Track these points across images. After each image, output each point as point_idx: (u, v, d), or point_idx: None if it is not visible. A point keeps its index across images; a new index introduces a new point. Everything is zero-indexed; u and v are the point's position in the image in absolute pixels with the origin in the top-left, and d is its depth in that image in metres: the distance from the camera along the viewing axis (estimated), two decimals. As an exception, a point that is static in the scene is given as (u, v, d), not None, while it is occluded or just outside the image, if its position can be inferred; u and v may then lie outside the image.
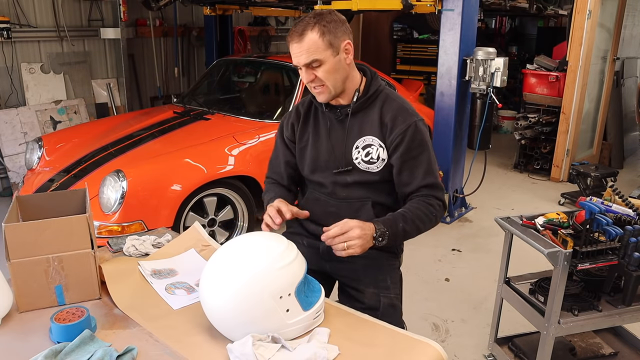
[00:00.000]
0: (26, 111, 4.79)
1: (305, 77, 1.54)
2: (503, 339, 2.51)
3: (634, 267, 1.96)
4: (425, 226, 1.57)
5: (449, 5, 3.85)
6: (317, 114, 1.71)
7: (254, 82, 4.95)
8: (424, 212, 1.56)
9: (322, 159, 1.67)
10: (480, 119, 4.12)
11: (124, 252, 1.69)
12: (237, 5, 5.91)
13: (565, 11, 7.15)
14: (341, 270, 1.72)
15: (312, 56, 1.49)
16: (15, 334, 1.28)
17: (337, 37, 1.51)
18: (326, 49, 1.49)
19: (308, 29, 1.48)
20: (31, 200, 1.58)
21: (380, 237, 1.48)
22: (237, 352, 1.16)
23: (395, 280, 1.71)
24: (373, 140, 1.61)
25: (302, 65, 1.52)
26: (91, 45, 5.48)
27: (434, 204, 1.58)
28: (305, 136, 1.72)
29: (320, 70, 1.52)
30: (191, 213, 3.27)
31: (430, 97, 6.80)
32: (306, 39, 1.48)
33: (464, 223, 4.29)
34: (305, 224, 1.76)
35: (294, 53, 1.52)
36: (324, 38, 1.49)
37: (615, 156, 5.90)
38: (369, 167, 1.62)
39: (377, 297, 1.65)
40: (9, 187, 4.64)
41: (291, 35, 1.52)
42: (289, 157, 1.78)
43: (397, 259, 1.76)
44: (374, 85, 1.64)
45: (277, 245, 1.29)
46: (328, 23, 1.50)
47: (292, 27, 1.54)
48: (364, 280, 1.67)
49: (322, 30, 1.48)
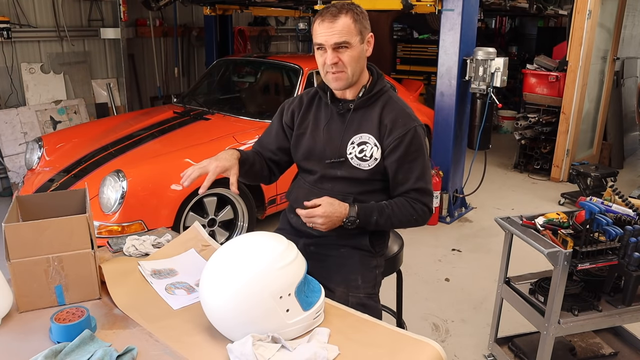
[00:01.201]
0: (26, 111, 4.79)
1: (330, 58, 1.55)
2: (503, 339, 2.51)
3: (634, 267, 1.96)
4: (401, 225, 1.66)
5: (449, 5, 3.85)
6: (320, 104, 1.74)
7: (254, 82, 4.95)
8: (404, 213, 1.63)
9: (317, 148, 1.70)
10: (480, 119, 4.12)
11: (124, 252, 1.69)
12: (237, 5, 5.91)
13: (565, 11, 7.15)
14: (315, 269, 1.71)
15: (343, 37, 1.52)
16: (15, 334, 1.28)
17: (365, 28, 1.58)
18: (356, 35, 1.54)
19: (342, 12, 1.52)
20: (31, 200, 1.58)
21: (350, 223, 1.58)
22: (237, 352, 1.16)
23: (368, 279, 1.70)
24: (369, 139, 1.63)
25: (330, 45, 1.53)
26: (91, 45, 5.48)
27: (417, 208, 1.64)
28: (304, 124, 1.74)
29: (346, 54, 1.55)
30: (191, 213, 3.27)
31: (430, 97, 6.80)
32: (340, 20, 1.52)
33: (464, 223, 4.29)
34: (290, 218, 1.82)
35: (323, 32, 1.53)
36: (356, 24, 1.54)
37: (615, 156, 5.90)
38: (360, 164, 1.64)
39: (345, 297, 1.64)
40: (9, 187, 4.64)
41: (323, 15, 1.54)
42: (282, 142, 1.81)
43: (374, 257, 1.75)
44: (379, 85, 1.67)
45: (277, 245, 1.28)
46: (360, 12, 1.57)
47: (319, 12, 1.57)
48: (334, 279, 1.67)
49: (355, 17, 1.54)
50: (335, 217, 1.55)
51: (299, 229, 1.76)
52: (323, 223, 1.54)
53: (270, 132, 1.85)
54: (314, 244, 1.74)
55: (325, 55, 1.56)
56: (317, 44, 1.57)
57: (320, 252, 1.73)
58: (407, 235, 2.38)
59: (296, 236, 1.74)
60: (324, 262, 1.71)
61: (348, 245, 1.72)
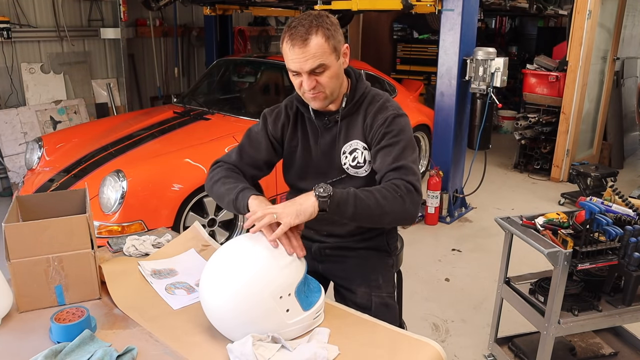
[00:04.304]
0: (26, 111, 4.79)
1: (307, 84, 1.43)
2: (503, 339, 2.51)
3: (634, 267, 1.96)
4: (387, 204, 1.36)
5: (449, 5, 3.85)
6: (303, 119, 1.63)
7: (254, 82, 4.95)
8: (387, 190, 1.39)
9: (311, 166, 1.62)
10: (480, 119, 4.13)
11: (124, 252, 1.69)
12: (237, 5, 5.91)
13: (565, 11, 7.14)
14: (333, 271, 1.72)
15: (318, 61, 1.40)
16: (15, 334, 1.28)
17: (339, 41, 1.45)
18: (331, 53, 1.42)
19: (312, 32, 1.38)
20: (31, 200, 1.58)
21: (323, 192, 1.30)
22: (237, 352, 1.16)
23: (387, 279, 1.70)
24: (357, 144, 1.56)
25: (305, 71, 1.41)
26: (91, 45, 5.48)
27: (399, 184, 1.40)
28: (294, 141, 1.64)
29: (324, 76, 1.43)
30: (191, 213, 3.27)
31: (430, 97, 6.80)
32: (312, 43, 1.38)
33: (464, 223, 4.29)
34: None
35: (295, 58, 1.40)
36: (329, 42, 1.40)
37: (615, 156, 5.90)
38: (357, 172, 1.57)
39: (368, 297, 1.64)
40: (9, 187, 4.64)
41: (292, 38, 1.39)
42: (271, 157, 1.65)
43: (390, 257, 1.75)
44: (360, 89, 1.58)
45: (277, 245, 1.28)
46: (330, 26, 1.42)
47: (286, 30, 1.42)
48: (355, 279, 1.66)
49: (326, 34, 1.40)
50: (296, 201, 1.32)
51: (309, 238, 1.70)
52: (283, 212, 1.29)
53: (257, 146, 1.64)
54: (329, 247, 1.70)
55: (300, 79, 1.44)
56: (291, 70, 1.44)
57: (337, 254, 1.70)
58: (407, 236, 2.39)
59: (307, 241, 1.68)
60: (342, 264, 1.67)
61: (366, 246, 1.69)
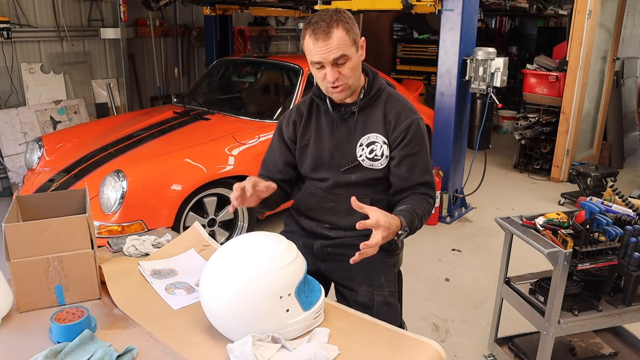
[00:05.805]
0: (26, 111, 4.79)
1: (331, 75, 1.51)
2: (503, 339, 2.50)
3: (634, 267, 1.96)
4: (425, 217, 1.61)
5: (449, 5, 3.85)
6: (319, 112, 1.72)
7: (254, 82, 4.95)
8: (425, 211, 1.60)
9: (325, 157, 1.68)
10: (480, 119, 4.13)
11: (124, 252, 1.69)
12: (237, 5, 5.91)
13: (565, 11, 7.14)
14: (335, 269, 1.73)
15: (340, 51, 1.48)
16: (15, 334, 1.28)
17: (357, 34, 1.54)
18: (352, 45, 1.51)
19: (333, 26, 1.47)
20: (31, 200, 1.58)
21: (401, 234, 1.44)
22: (237, 352, 1.16)
23: (389, 278, 1.71)
24: (377, 138, 1.63)
25: (329, 62, 1.49)
26: (91, 45, 5.48)
27: (431, 203, 1.64)
28: (307, 135, 1.72)
29: (345, 67, 1.52)
30: (191, 213, 3.27)
31: (430, 97, 6.80)
32: (334, 35, 1.47)
33: (464, 223, 4.29)
34: (300, 221, 1.77)
35: (319, 50, 1.48)
36: (349, 35, 1.50)
37: (615, 156, 5.90)
38: (372, 164, 1.64)
39: (370, 296, 1.65)
40: (9, 187, 4.64)
41: (315, 33, 1.48)
42: (288, 157, 1.77)
43: (392, 256, 1.76)
44: (376, 84, 1.67)
45: (277, 245, 1.28)
46: (349, 20, 1.51)
47: (307, 27, 1.51)
48: (357, 279, 1.67)
49: (346, 27, 1.49)
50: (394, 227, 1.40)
51: (313, 231, 1.74)
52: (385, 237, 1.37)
53: (273, 153, 1.79)
54: (330, 245, 1.72)
55: (323, 71, 1.53)
56: (315, 62, 1.52)
57: (339, 253, 1.71)
58: (407, 235, 2.39)
59: (310, 239, 1.73)
60: (344, 263, 1.66)
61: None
